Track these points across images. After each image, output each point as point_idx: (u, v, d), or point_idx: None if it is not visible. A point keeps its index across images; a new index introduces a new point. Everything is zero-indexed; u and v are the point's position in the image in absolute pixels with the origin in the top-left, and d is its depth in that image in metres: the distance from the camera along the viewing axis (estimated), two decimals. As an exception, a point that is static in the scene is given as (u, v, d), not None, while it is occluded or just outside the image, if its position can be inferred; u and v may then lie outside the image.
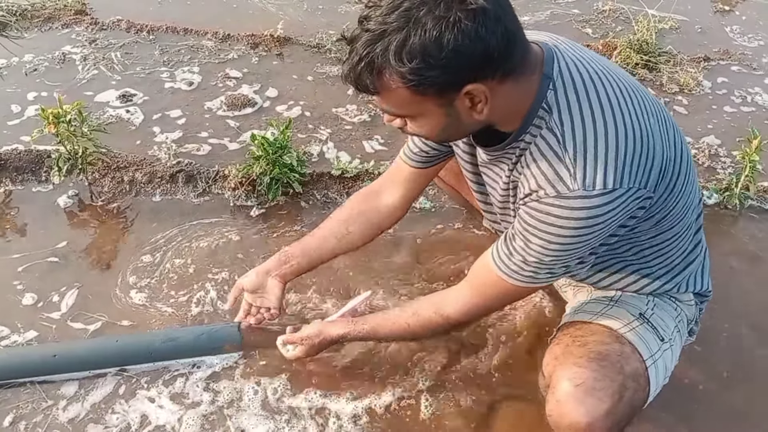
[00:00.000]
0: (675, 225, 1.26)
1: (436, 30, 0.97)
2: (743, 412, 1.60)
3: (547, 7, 3.36)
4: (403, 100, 1.06)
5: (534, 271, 1.20)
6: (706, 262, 1.46)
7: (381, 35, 1.00)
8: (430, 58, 0.99)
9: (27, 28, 2.92)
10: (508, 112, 1.13)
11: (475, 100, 1.06)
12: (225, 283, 1.84)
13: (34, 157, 2.18)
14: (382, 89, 1.05)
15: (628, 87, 1.16)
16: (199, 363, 1.63)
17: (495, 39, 1.00)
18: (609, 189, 1.07)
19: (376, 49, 1.00)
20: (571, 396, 1.19)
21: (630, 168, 1.08)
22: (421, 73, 1.00)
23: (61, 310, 1.75)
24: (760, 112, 2.66)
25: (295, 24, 3.04)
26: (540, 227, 1.13)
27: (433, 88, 1.03)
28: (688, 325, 1.44)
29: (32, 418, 1.50)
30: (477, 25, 0.98)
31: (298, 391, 1.58)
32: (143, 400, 1.55)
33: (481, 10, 0.98)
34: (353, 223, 1.58)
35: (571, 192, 1.08)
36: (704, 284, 1.44)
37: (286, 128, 2.09)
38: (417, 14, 0.98)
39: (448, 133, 1.18)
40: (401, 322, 1.42)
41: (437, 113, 1.09)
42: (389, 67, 1.01)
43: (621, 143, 1.08)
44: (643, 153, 1.10)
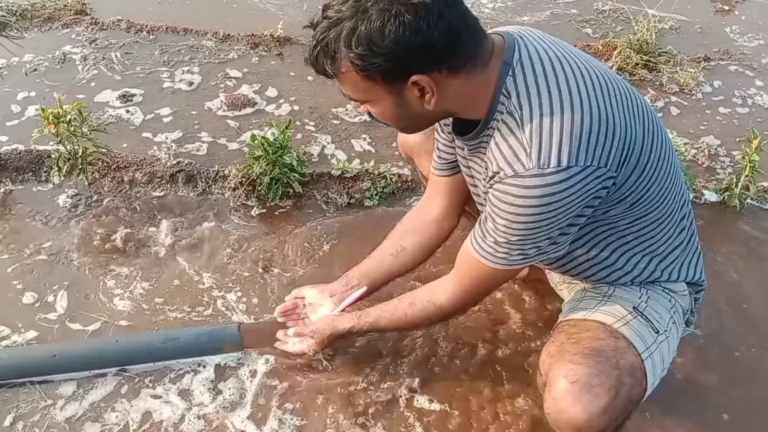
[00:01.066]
0: (653, 210, 1.27)
1: (379, 20, 1.06)
2: (743, 411, 1.60)
3: (547, 7, 3.36)
4: (356, 85, 1.15)
5: (506, 252, 1.23)
6: (698, 252, 1.45)
7: (336, 22, 1.10)
8: (374, 46, 1.07)
9: (27, 28, 2.92)
10: (468, 102, 1.19)
11: (423, 90, 1.13)
12: (225, 283, 1.84)
13: (34, 157, 2.18)
14: (336, 72, 1.14)
15: (592, 71, 1.18)
16: (200, 363, 1.63)
17: (437, 33, 1.07)
18: (563, 167, 1.10)
19: (330, 35, 1.10)
20: (568, 393, 1.19)
21: (587, 146, 1.11)
22: (366, 60, 1.08)
23: (60, 311, 1.75)
24: (760, 112, 2.66)
25: (295, 24, 3.03)
26: (503, 208, 1.17)
27: (379, 74, 1.11)
28: (684, 315, 1.44)
29: (31, 418, 1.50)
30: (417, 19, 1.05)
31: (298, 391, 1.58)
32: (143, 400, 1.55)
33: (422, 5, 1.05)
34: (407, 240, 1.62)
35: (526, 171, 1.12)
36: (696, 274, 1.44)
37: (286, 128, 2.09)
38: (365, 5, 1.07)
39: (406, 121, 1.25)
40: (399, 313, 1.46)
41: (389, 101, 1.17)
42: (340, 51, 1.10)
43: (577, 122, 1.11)
44: (601, 132, 1.12)
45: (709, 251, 1.95)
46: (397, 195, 2.18)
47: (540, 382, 1.35)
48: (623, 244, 1.33)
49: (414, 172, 2.15)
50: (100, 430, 1.49)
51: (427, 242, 1.62)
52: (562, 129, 1.11)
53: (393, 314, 1.48)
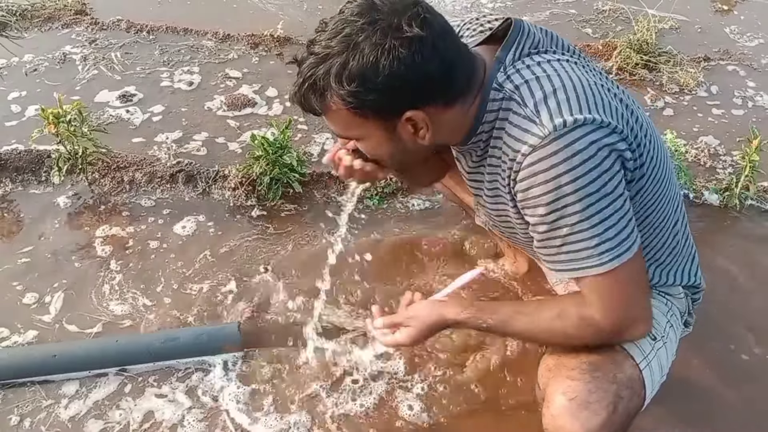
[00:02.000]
0: (648, 215, 1.24)
1: (372, 56, 1.02)
2: (743, 412, 1.60)
3: (547, 7, 3.36)
4: (347, 122, 1.10)
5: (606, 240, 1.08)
6: (695, 257, 1.44)
7: (324, 58, 1.05)
8: (367, 83, 1.03)
9: (27, 28, 2.93)
10: (456, 131, 1.16)
11: (417, 126, 1.10)
12: (225, 283, 1.84)
13: (34, 157, 2.18)
14: (326, 110, 1.10)
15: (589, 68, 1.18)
16: (200, 363, 1.63)
17: (432, 66, 1.04)
18: (580, 122, 1.05)
19: (319, 72, 1.05)
20: (566, 410, 1.17)
21: (595, 102, 1.08)
22: (359, 96, 1.04)
23: (60, 311, 1.75)
24: (760, 112, 2.66)
25: (295, 24, 3.03)
26: (544, 196, 1.07)
27: (372, 110, 1.07)
28: (682, 317, 1.43)
29: (35, 416, 1.51)
30: (412, 53, 1.02)
31: (298, 391, 1.58)
32: (145, 399, 1.55)
33: (417, 38, 1.02)
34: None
35: (544, 138, 1.05)
36: (692, 278, 1.41)
37: (286, 128, 2.09)
38: (356, 39, 1.03)
39: (398, 158, 1.21)
40: (544, 322, 1.21)
41: (381, 137, 1.13)
42: (330, 89, 1.05)
43: (579, 88, 1.09)
44: (605, 101, 1.10)
45: (709, 251, 1.95)
46: (397, 195, 2.18)
47: (539, 395, 1.34)
48: None
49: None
50: (102, 428, 1.50)
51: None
52: (566, 92, 1.08)
53: (533, 321, 1.22)
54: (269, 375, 1.62)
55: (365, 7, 1.06)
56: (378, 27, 1.03)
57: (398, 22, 1.03)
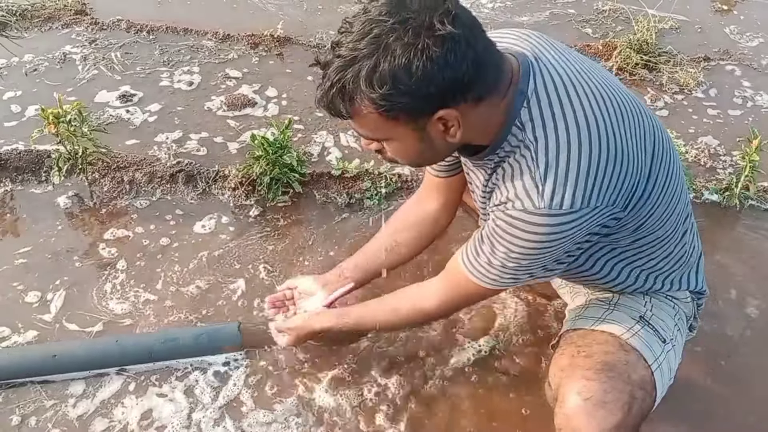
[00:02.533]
0: (656, 230, 1.25)
1: (405, 57, 0.98)
2: (743, 412, 1.60)
3: (546, 7, 3.35)
4: (376, 125, 1.08)
5: (498, 274, 1.22)
6: (700, 263, 1.45)
7: (352, 61, 1.01)
8: (400, 84, 1.00)
9: (27, 28, 2.92)
10: (483, 130, 1.15)
11: (448, 124, 1.09)
12: (225, 283, 1.84)
13: (34, 157, 2.18)
14: (354, 114, 1.07)
15: (606, 94, 1.15)
16: (200, 363, 1.63)
17: (465, 65, 1.01)
18: (575, 209, 1.08)
19: (347, 75, 1.02)
20: (581, 410, 1.18)
21: (599, 189, 1.09)
22: (391, 99, 1.02)
23: (60, 311, 1.75)
24: (760, 112, 2.66)
25: (295, 24, 3.03)
26: (504, 236, 1.15)
27: (404, 113, 1.05)
28: (688, 321, 1.44)
29: (39, 416, 1.51)
30: (445, 52, 0.99)
31: (298, 390, 1.58)
32: (143, 399, 1.56)
33: (450, 36, 0.99)
34: (401, 236, 1.60)
35: (536, 209, 1.09)
36: (698, 284, 1.43)
37: (286, 128, 2.09)
38: (386, 41, 0.99)
39: (424, 157, 1.21)
40: (382, 316, 1.46)
41: (411, 137, 1.11)
42: (360, 92, 1.02)
43: (593, 163, 1.08)
44: (614, 173, 1.10)
45: (709, 251, 1.95)
46: (397, 195, 2.18)
47: (549, 395, 1.34)
48: (623, 260, 1.31)
49: (412, 170, 2.16)
50: (101, 428, 1.50)
51: (423, 238, 1.61)
52: (578, 170, 1.08)
53: (375, 316, 1.47)
54: (269, 375, 1.62)
55: (394, 5, 1.02)
56: (409, 26, 0.99)
57: (430, 20, 0.99)
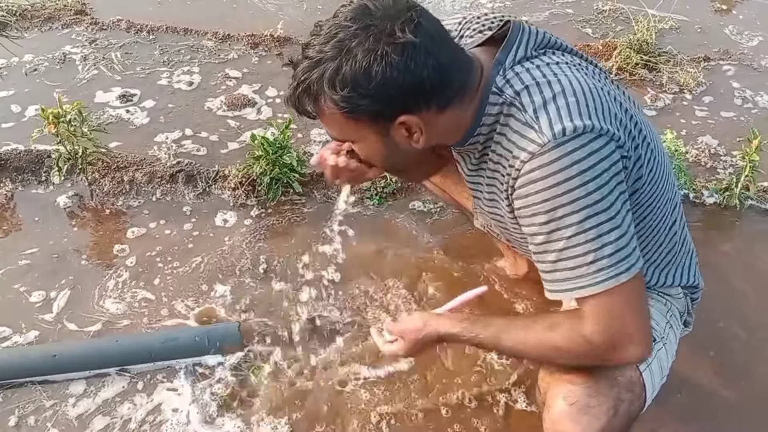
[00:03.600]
0: (645, 218, 1.23)
1: (365, 61, 1.01)
2: (743, 412, 1.60)
3: (546, 7, 3.35)
4: (340, 125, 1.11)
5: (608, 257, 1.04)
6: (693, 257, 1.43)
7: (317, 63, 1.05)
8: (360, 88, 1.03)
9: (27, 28, 2.92)
10: (452, 132, 1.15)
11: (411, 130, 1.10)
12: (225, 283, 1.84)
13: (34, 157, 2.18)
14: (320, 113, 1.10)
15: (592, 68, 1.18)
16: (199, 363, 1.63)
17: (425, 72, 1.03)
18: (580, 131, 1.03)
19: (313, 76, 1.05)
20: (566, 415, 1.17)
21: (596, 112, 1.07)
22: (352, 102, 1.04)
23: (61, 311, 1.75)
24: (760, 112, 2.65)
25: (295, 24, 3.03)
26: (539, 206, 1.05)
27: (365, 115, 1.07)
28: (681, 317, 1.43)
29: (34, 416, 1.51)
30: (405, 59, 1.01)
31: (299, 390, 1.58)
32: (142, 400, 1.56)
33: (410, 44, 1.01)
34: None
35: (543, 146, 1.04)
36: (691, 278, 1.41)
37: (286, 128, 2.09)
38: (349, 45, 1.03)
39: (393, 161, 1.21)
40: (537, 333, 1.16)
41: (375, 140, 1.13)
42: (324, 93, 1.06)
43: (580, 92, 1.07)
44: (605, 106, 1.09)
45: (708, 251, 1.95)
46: (397, 195, 2.17)
47: (539, 399, 1.33)
48: None
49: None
50: (100, 428, 1.50)
51: None
52: (566, 98, 1.06)
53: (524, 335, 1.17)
54: (269, 375, 1.62)
55: (359, 12, 1.05)
56: (371, 32, 1.02)
57: (391, 27, 1.02)
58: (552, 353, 1.16)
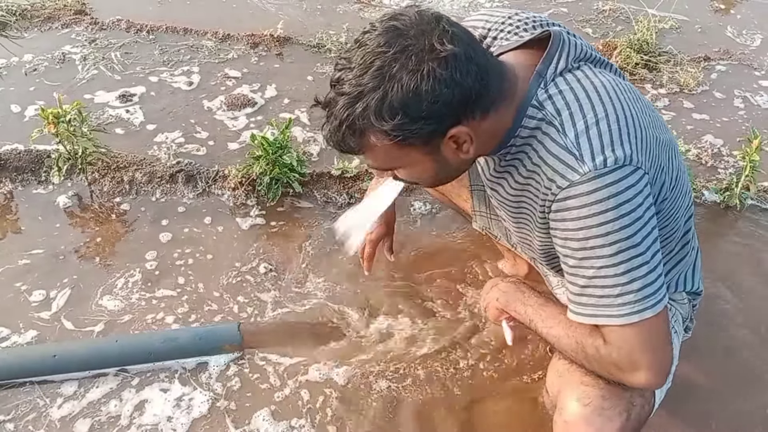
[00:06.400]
0: (664, 227, 1.23)
1: (413, 83, 0.98)
2: (744, 412, 1.60)
3: (546, 7, 3.35)
4: (389, 155, 1.07)
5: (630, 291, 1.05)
6: (698, 263, 1.44)
7: (358, 97, 1.00)
8: (411, 111, 0.99)
9: (27, 28, 2.92)
10: (494, 137, 1.13)
11: (459, 141, 1.07)
12: (225, 283, 1.84)
13: (34, 157, 2.18)
14: (366, 148, 1.06)
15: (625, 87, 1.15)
16: (199, 363, 1.63)
17: (470, 79, 1.01)
18: (621, 163, 1.03)
19: (356, 111, 1.01)
20: (580, 417, 1.16)
21: (635, 143, 1.06)
22: (404, 128, 1.01)
23: (61, 310, 1.75)
24: (761, 112, 2.65)
25: (294, 24, 3.03)
26: (573, 233, 1.06)
27: (418, 139, 1.04)
28: (684, 322, 1.43)
29: (27, 417, 1.51)
30: (451, 71, 0.99)
31: (298, 390, 1.58)
32: (141, 399, 1.55)
33: (452, 55, 0.99)
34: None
35: (582, 176, 1.04)
36: (695, 284, 1.42)
37: (286, 128, 2.09)
38: (390, 71, 0.98)
39: (440, 177, 1.19)
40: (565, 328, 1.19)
41: (425, 161, 1.10)
42: (371, 126, 1.01)
43: (622, 120, 1.06)
44: (641, 133, 1.08)
45: (709, 251, 1.95)
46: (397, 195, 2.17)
47: (548, 402, 1.33)
48: None
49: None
50: (100, 426, 1.50)
51: None
52: (608, 120, 1.05)
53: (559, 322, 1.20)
54: (269, 375, 1.61)
55: (391, 35, 1.00)
56: (411, 53, 0.98)
57: (429, 42, 0.99)
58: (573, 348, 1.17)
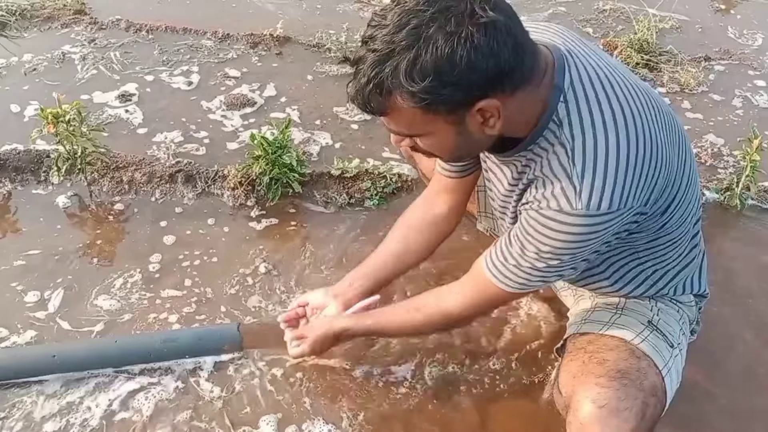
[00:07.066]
0: (672, 231, 1.25)
1: (448, 47, 0.95)
2: (745, 412, 1.60)
3: (547, 6, 3.35)
4: (413, 120, 1.04)
5: (526, 277, 1.21)
6: (704, 265, 1.45)
7: (389, 55, 0.97)
8: (443, 76, 0.96)
9: (26, 28, 2.92)
10: (519, 121, 1.11)
11: (486, 115, 1.05)
12: (225, 284, 1.84)
13: (34, 157, 2.17)
14: (391, 110, 1.03)
15: (640, 95, 1.13)
16: (199, 363, 1.63)
17: (507, 52, 0.98)
18: (612, 210, 1.08)
19: (385, 70, 0.98)
20: (596, 418, 1.17)
21: (636, 189, 1.08)
22: (434, 92, 0.98)
23: (60, 311, 1.75)
24: (761, 112, 2.65)
25: (294, 23, 3.03)
26: (536, 236, 1.14)
27: (444, 105, 1.01)
28: (690, 325, 1.44)
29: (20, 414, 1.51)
30: (489, 39, 0.96)
31: (297, 390, 1.58)
32: (140, 399, 1.55)
33: (492, 23, 0.96)
34: (410, 239, 1.57)
35: (573, 210, 1.08)
36: (701, 286, 1.44)
37: (286, 128, 2.08)
38: (427, 31, 0.95)
39: (461, 151, 1.17)
40: (404, 317, 1.43)
41: (449, 131, 1.07)
42: (400, 87, 0.98)
43: (631, 163, 1.07)
44: (650, 172, 1.10)
45: (709, 251, 1.92)
46: (397, 195, 2.17)
47: (560, 403, 1.32)
48: (635, 260, 1.30)
49: (413, 170, 2.15)
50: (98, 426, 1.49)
51: (431, 241, 1.58)
52: (615, 171, 1.06)
53: (396, 318, 1.45)
54: (269, 376, 1.61)
55: None
56: (451, 14, 0.95)
57: (471, 7, 0.96)
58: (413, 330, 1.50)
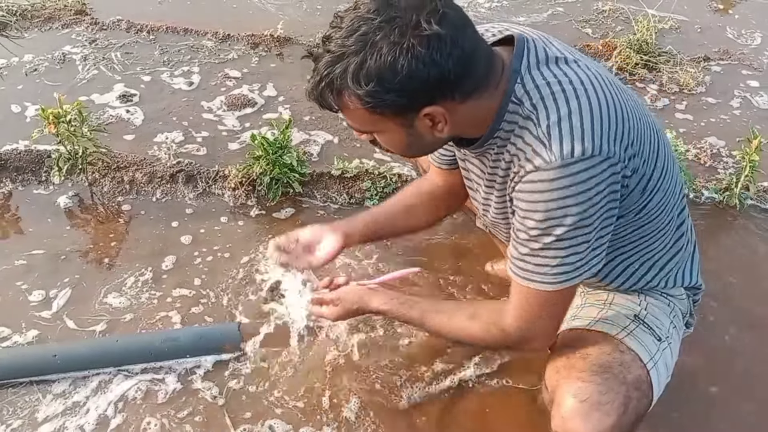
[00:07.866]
0: (653, 219, 1.25)
1: (390, 55, 1.00)
2: (745, 412, 1.60)
3: (546, 7, 3.36)
4: (364, 119, 1.10)
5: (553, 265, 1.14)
6: (695, 257, 1.44)
7: (340, 57, 1.03)
8: (385, 82, 1.02)
9: (27, 28, 2.93)
10: (474, 123, 1.15)
11: (435, 120, 1.10)
12: (225, 283, 1.84)
13: (34, 157, 2.18)
14: (343, 108, 1.10)
15: (602, 74, 1.16)
16: (199, 363, 1.63)
17: (450, 63, 1.02)
18: (588, 155, 1.06)
19: (336, 71, 1.04)
20: (577, 412, 1.18)
21: (608, 136, 1.08)
22: (377, 96, 1.03)
23: (61, 310, 1.75)
24: (760, 112, 2.66)
25: (294, 24, 3.04)
26: (531, 208, 1.11)
27: (389, 109, 1.06)
28: (684, 318, 1.43)
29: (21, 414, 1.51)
30: (431, 51, 1.00)
31: (297, 390, 1.58)
32: (139, 398, 1.56)
33: (435, 36, 1.00)
34: (419, 198, 1.56)
35: (549, 163, 1.07)
36: (693, 278, 1.42)
37: (286, 128, 2.09)
38: (373, 38, 1.01)
39: (415, 149, 1.22)
40: (458, 320, 1.32)
41: (398, 131, 1.12)
42: (347, 88, 1.04)
43: (596, 113, 1.08)
44: (619, 124, 1.10)
45: (708, 251, 1.95)
46: (397, 195, 2.17)
47: (546, 398, 1.34)
48: (621, 254, 1.30)
49: (413, 170, 2.16)
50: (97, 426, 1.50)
51: (437, 205, 1.56)
52: (581, 119, 1.07)
53: (450, 319, 1.33)
54: (268, 375, 1.62)
55: (382, 3, 1.03)
56: (396, 25, 1.01)
57: (416, 19, 1.01)
58: (468, 339, 1.32)
